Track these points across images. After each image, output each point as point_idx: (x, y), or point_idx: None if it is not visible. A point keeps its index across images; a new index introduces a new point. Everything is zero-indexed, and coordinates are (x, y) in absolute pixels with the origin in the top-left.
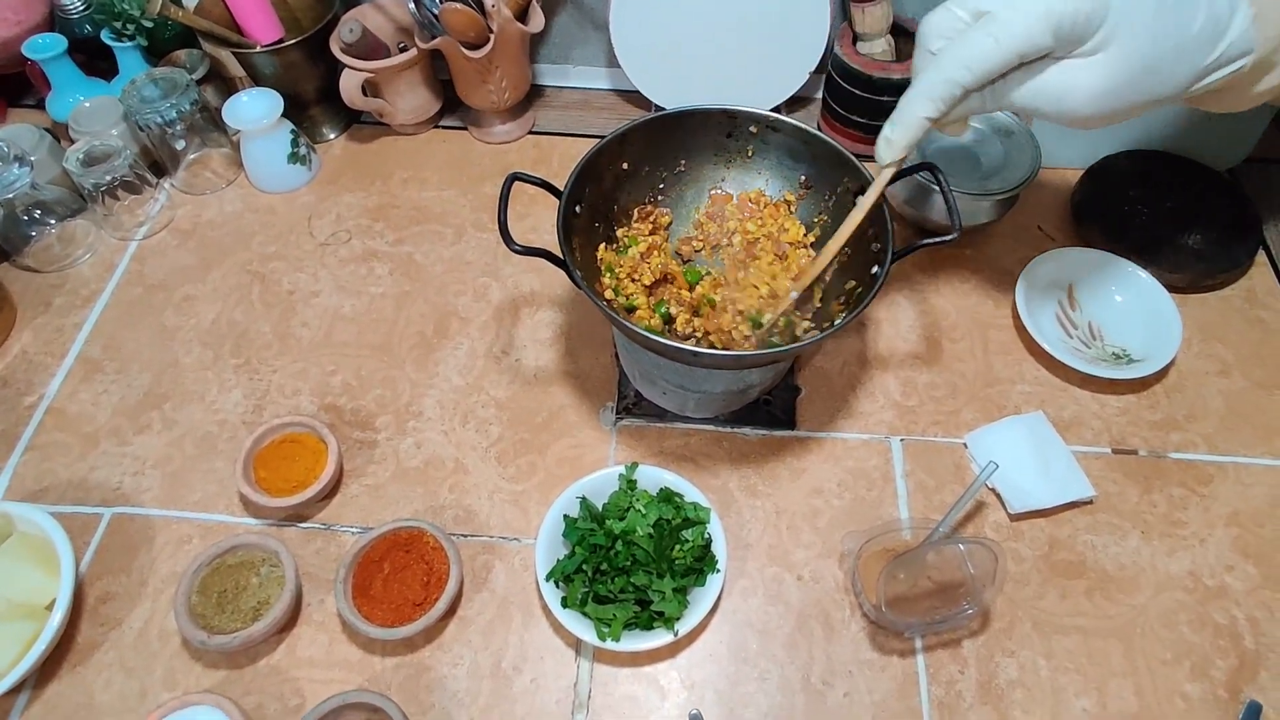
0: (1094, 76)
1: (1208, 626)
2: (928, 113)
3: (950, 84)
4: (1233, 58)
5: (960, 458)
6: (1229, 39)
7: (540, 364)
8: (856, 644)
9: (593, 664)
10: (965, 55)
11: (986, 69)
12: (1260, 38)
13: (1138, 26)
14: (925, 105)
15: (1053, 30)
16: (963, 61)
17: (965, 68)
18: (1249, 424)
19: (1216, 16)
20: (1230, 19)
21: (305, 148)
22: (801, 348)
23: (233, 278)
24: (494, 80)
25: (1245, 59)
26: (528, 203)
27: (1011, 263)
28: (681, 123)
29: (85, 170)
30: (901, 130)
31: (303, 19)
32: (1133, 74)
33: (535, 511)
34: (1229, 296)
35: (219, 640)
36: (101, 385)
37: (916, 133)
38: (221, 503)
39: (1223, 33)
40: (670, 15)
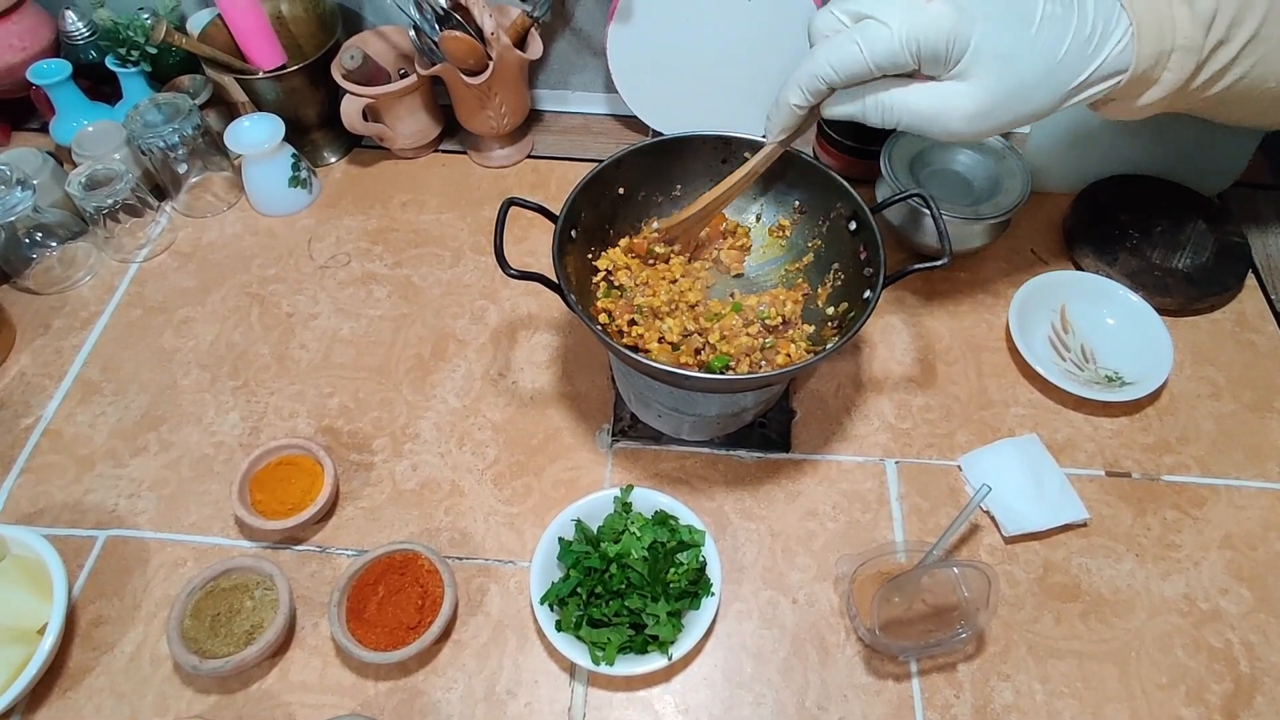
0: (964, 100)
1: (1203, 650)
2: (796, 100)
3: (815, 78)
4: (1106, 75)
5: (955, 480)
6: (1100, 58)
7: (537, 386)
8: (851, 668)
9: (587, 688)
10: (833, 56)
11: (850, 72)
12: (1137, 56)
13: (1002, 53)
14: (795, 93)
15: (913, 52)
16: (829, 61)
17: (830, 67)
18: (1241, 446)
19: (1087, 39)
20: (1104, 40)
21: (306, 171)
22: (795, 371)
23: (232, 300)
24: (493, 106)
25: (1120, 77)
26: (525, 226)
27: (1004, 286)
28: (677, 148)
29: (87, 193)
30: (777, 113)
31: (305, 45)
32: (1000, 98)
33: (530, 534)
34: (1219, 320)
35: (211, 665)
36: (99, 407)
37: (788, 117)
38: (217, 525)
39: (1094, 54)
40: (666, 42)
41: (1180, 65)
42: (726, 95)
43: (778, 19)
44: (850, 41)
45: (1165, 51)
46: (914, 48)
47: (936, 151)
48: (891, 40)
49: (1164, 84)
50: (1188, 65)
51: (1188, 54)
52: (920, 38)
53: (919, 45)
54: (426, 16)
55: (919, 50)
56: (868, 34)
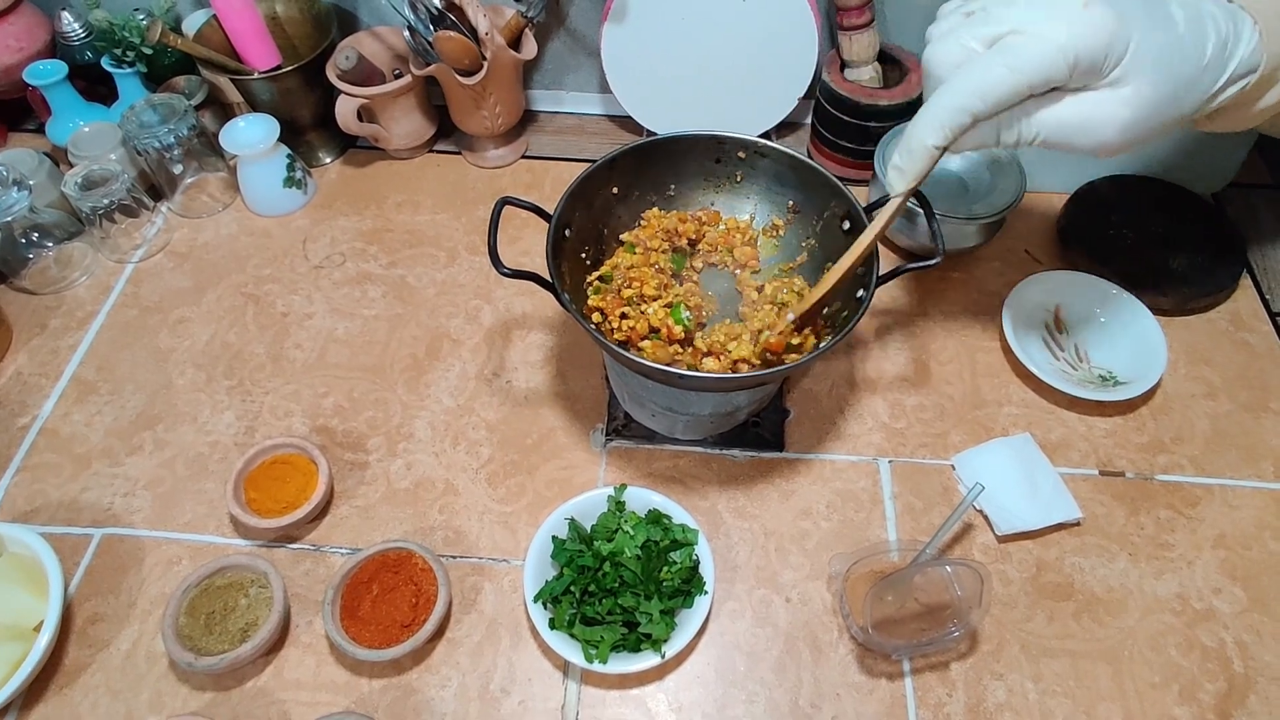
0: (1120, 108)
1: (1196, 649)
2: (936, 141)
3: (960, 111)
4: (1240, 75)
5: (948, 479)
6: (1238, 58)
7: (531, 386)
8: (844, 666)
9: (580, 686)
10: (978, 83)
11: (999, 97)
12: (1267, 53)
13: (1158, 59)
14: (934, 134)
15: (1070, 64)
16: (974, 89)
17: (978, 96)
18: (1235, 446)
19: (1225, 39)
20: (1238, 39)
21: (301, 172)
22: (789, 370)
23: (227, 300)
24: (488, 106)
25: (1252, 76)
26: (519, 226)
27: (998, 286)
28: (671, 148)
29: (83, 194)
30: (910, 159)
31: (300, 46)
32: (1156, 105)
33: (524, 533)
34: (1214, 319)
35: (206, 662)
36: (95, 406)
37: (926, 162)
38: (212, 524)
39: (1232, 54)
40: (661, 42)
41: None
42: (720, 95)
43: (772, 19)
44: (997, 65)
45: None
46: (1072, 59)
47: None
48: (1046, 53)
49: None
50: None
51: None
52: (1080, 47)
53: (1078, 55)
54: (421, 17)
55: (1077, 61)
56: (1015, 53)
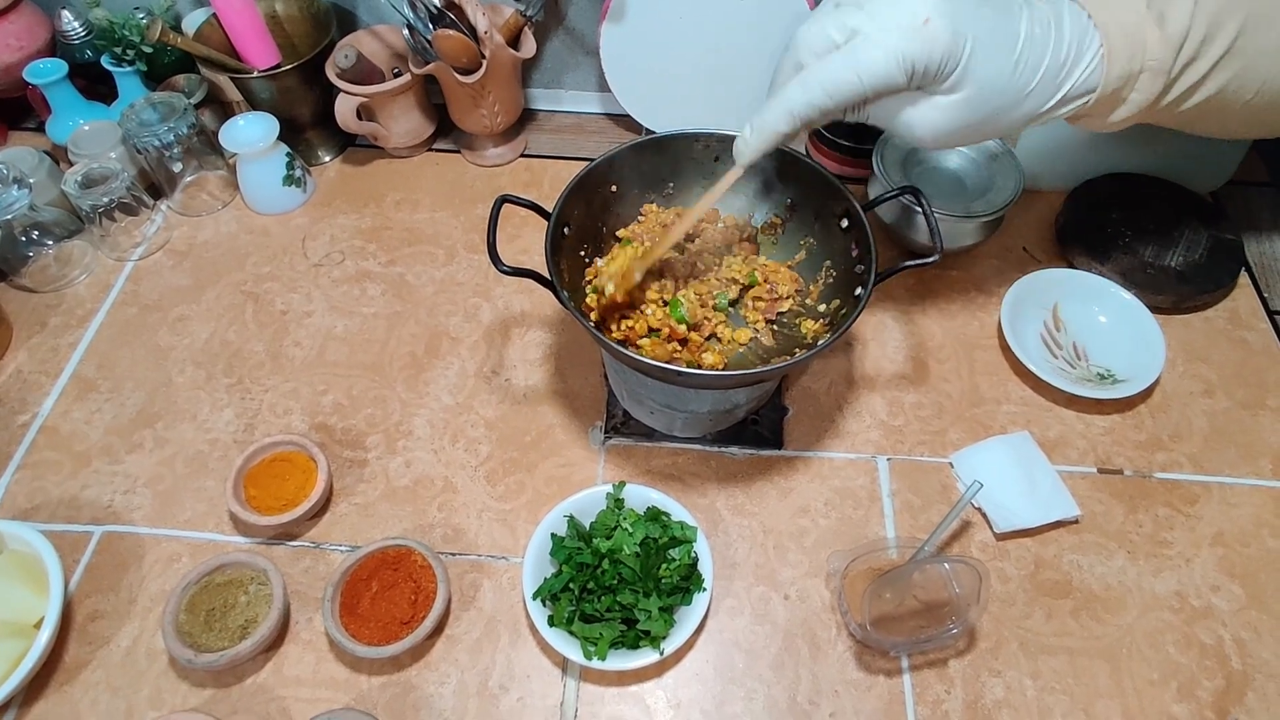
0: (940, 116)
1: (1194, 647)
2: (785, 128)
3: (810, 106)
4: (1076, 95)
5: (946, 477)
6: (1071, 81)
7: (530, 384)
8: (843, 664)
9: (579, 683)
10: (828, 83)
11: (845, 97)
12: (1105, 78)
13: (986, 78)
14: (784, 120)
15: (907, 73)
16: (825, 88)
17: (827, 94)
18: (1233, 444)
19: (1061, 63)
20: (1075, 63)
21: (300, 170)
22: (787, 367)
23: (227, 298)
24: (487, 105)
25: (1089, 96)
26: (519, 224)
27: (997, 284)
28: (669, 146)
29: (83, 192)
30: (759, 138)
31: (299, 45)
32: (977, 117)
33: (523, 530)
34: (1212, 317)
35: (206, 659)
36: (95, 404)
37: (772, 143)
38: (211, 521)
39: (1065, 78)
40: (659, 41)
41: (1148, 86)
42: (719, 93)
43: (770, 17)
44: (846, 68)
45: (1134, 73)
46: (909, 68)
47: (928, 151)
48: (888, 63)
49: (1131, 104)
50: (1155, 86)
51: (1155, 75)
52: (916, 58)
53: (914, 66)
54: (420, 15)
55: (914, 71)
56: (862, 58)
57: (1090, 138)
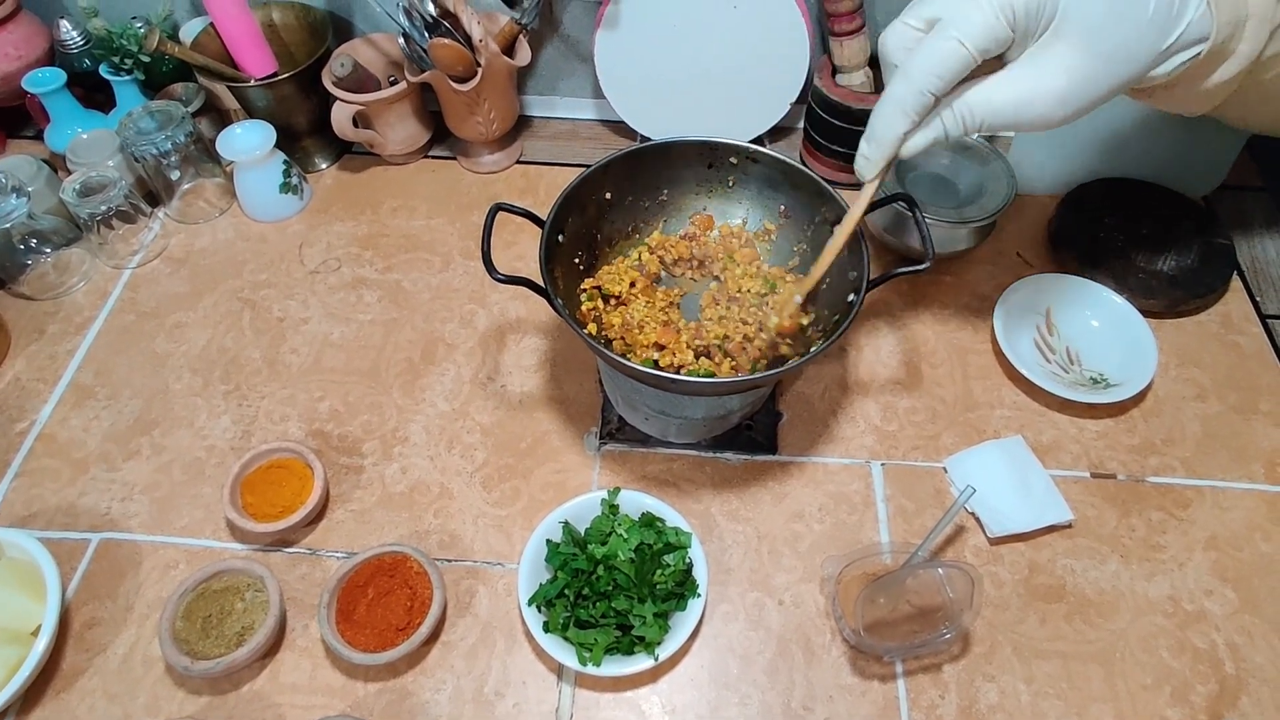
0: (1055, 79)
1: (1187, 651)
2: (902, 126)
3: (921, 94)
4: (1190, 42)
5: (940, 482)
6: (1185, 21)
7: (525, 390)
8: (837, 669)
9: (574, 689)
10: (931, 61)
11: (954, 72)
12: (1216, 23)
13: (1091, 11)
14: (899, 120)
15: (1010, 20)
16: (929, 68)
17: (934, 75)
18: (1226, 448)
19: (1169, 2)
20: (1184, 4)
21: (297, 178)
22: (781, 373)
23: (224, 305)
24: (482, 112)
25: (1202, 45)
26: (514, 231)
27: (990, 289)
28: (664, 153)
29: (81, 200)
30: (877, 146)
31: (296, 53)
32: (1091, 70)
33: (519, 536)
34: (1205, 321)
35: (202, 666)
36: (92, 411)
37: (892, 147)
38: (208, 528)
39: (1178, 17)
40: (653, 48)
41: (1255, 34)
42: (713, 101)
43: (763, 25)
44: (945, 40)
45: (1240, 19)
46: (1009, 14)
47: (921, 155)
48: (985, 16)
49: (1239, 56)
50: (1262, 33)
51: (1261, 22)
52: (1014, 3)
53: (1014, 11)
54: (416, 24)
55: (1015, 17)
56: (958, 25)
57: (1083, 140)
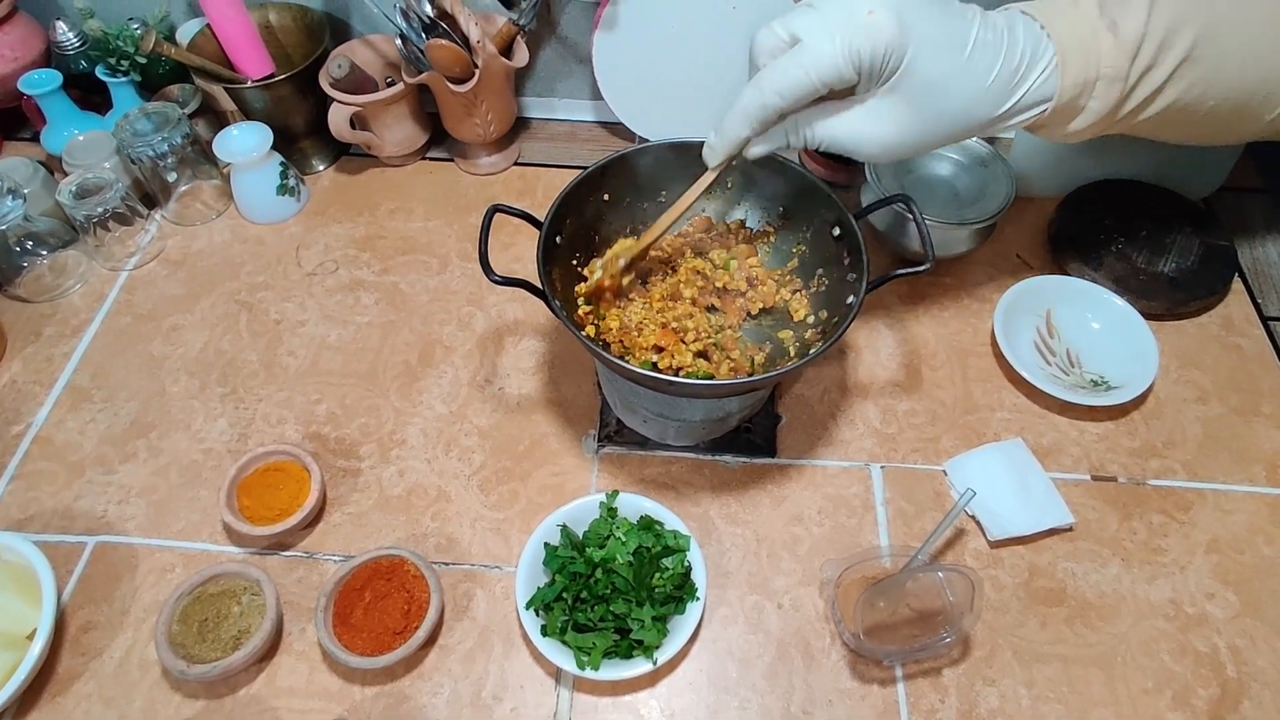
0: (885, 126)
1: (1189, 655)
2: (744, 131)
3: (764, 108)
4: (1031, 105)
5: (940, 485)
6: (1025, 89)
7: (523, 392)
8: (837, 673)
9: (573, 693)
10: (779, 82)
11: (797, 95)
12: (1061, 86)
13: (932, 78)
14: (743, 125)
15: (854, 64)
16: (776, 87)
17: (778, 93)
18: (1227, 450)
19: (1014, 69)
20: (1029, 71)
21: (294, 179)
22: (779, 375)
23: (221, 307)
24: (480, 113)
25: (1044, 105)
26: (512, 233)
27: (990, 291)
28: (662, 155)
29: (78, 202)
30: (721, 141)
31: (293, 55)
32: (923, 124)
33: (517, 539)
34: (1205, 324)
35: (199, 670)
36: (89, 414)
37: (734, 146)
38: (205, 531)
39: (1018, 85)
40: (652, 49)
41: (1105, 94)
42: (711, 102)
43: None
44: (795, 66)
45: (1090, 80)
46: (855, 59)
47: (922, 158)
48: (834, 56)
49: (1090, 112)
50: (1113, 93)
51: (1112, 83)
52: (861, 48)
53: (859, 55)
54: (413, 25)
55: (860, 61)
56: (809, 55)
57: (1082, 142)
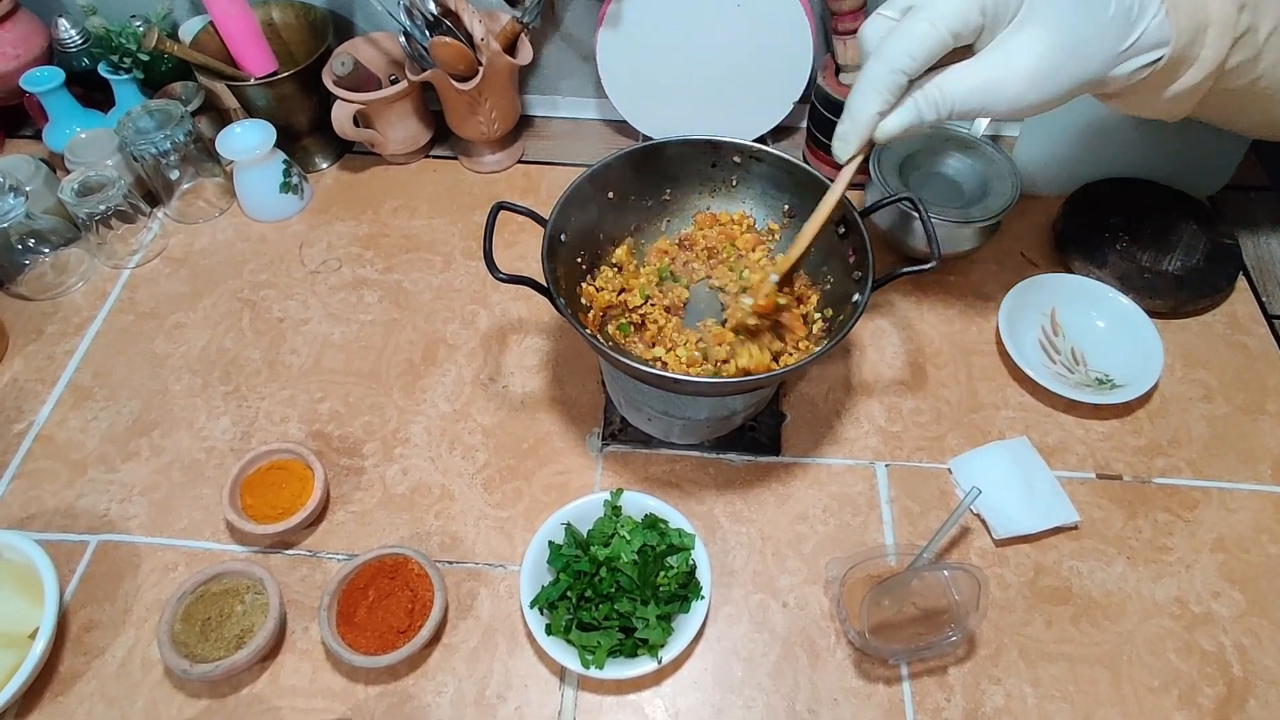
0: (1021, 60)
1: (1195, 654)
2: (876, 106)
3: (894, 73)
4: (1149, 45)
5: (945, 483)
6: (1143, 26)
7: (527, 391)
8: (842, 671)
9: (577, 692)
10: (904, 43)
11: (926, 52)
12: (1176, 29)
13: (1056, 4)
14: (873, 99)
15: (979, 6)
16: (903, 49)
17: (907, 55)
18: (1233, 449)
19: (1128, 4)
20: (1143, 9)
21: (297, 177)
22: (784, 373)
23: (223, 305)
24: (483, 111)
25: (1162, 50)
26: (515, 231)
27: (995, 289)
28: (666, 152)
29: (80, 200)
30: (853, 125)
31: (296, 52)
32: (1060, 51)
33: (520, 538)
34: (1210, 322)
35: (202, 669)
36: (91, 412)
37: (867, 127)
38: (208, 530)
39: (1136, 21)
40: (656, 47)
41: (1217, 41)
42: (716, 100)
43: (766, 23)
44: (919, 23)
45: (1201, 26)
46: (980, 1)
47: (926, 155)
48: (960, 2)
49: (1202, 63)
50: (1224, 42)
51: (1223, 30)
52: None
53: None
54: (417, 23)
55: (984, 3)
56: (931, 9)
57: (1087, 140)
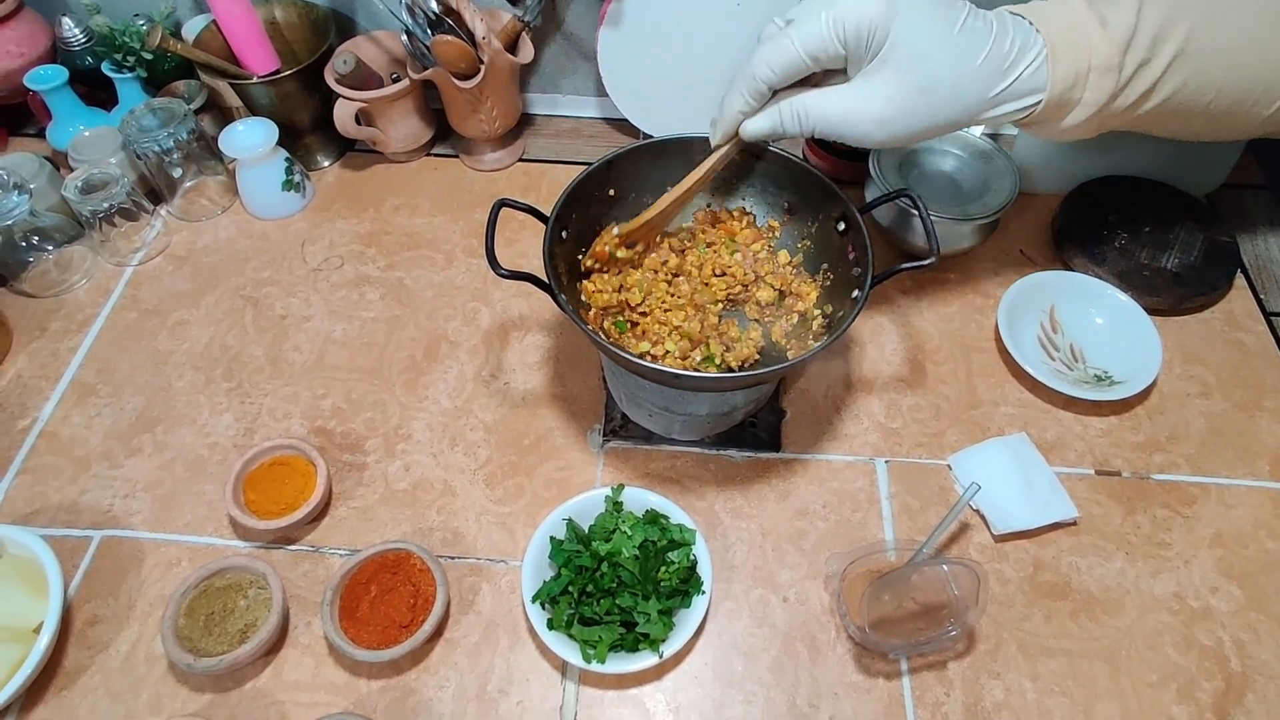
0: (875, 102)
1: (1193, 648)
2: (739, 106)
3: (755, 80)
4: (1023, 92)
5: (944, 479)
6: (1015, 74)
7: (528, 387)
8: (842, 666)
9: (579, 686)
10: (768, 54)
11: (784, 69)
12: (1053, 78)
13: (919, 51)
14: (736, 98)
15: (838, 35)
16: (764, 60)
17: (766, 65)
18: (1231, 445)
19: (1004, 54)
20: (1019, 58)
21: (300, 175)
22: (784, 369)
23: (226, 302)
24: (485, 110)
25: (1037, 96)
26: (516, 228)
27: (994, 286)
28: (667, 150)
29: (83, 198)
30: (722, 120)
31: (298, 51)
32: (911, 98)
33: (522, 533)
34: (1208, 319)
35: (205, 663)
36: (94, 409)
37: (732, 123)
38: (211, 525)
39: (1009, 70)
40: (657, 46)
41: (1098, 85)
42: (716, 98)
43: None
44: (784, 38)
45: (1082, 72)
46: (840, 30)
47: (925, 153)
48: (820, 27)
49: (1085, 105)
50: (1106, 85)
51: (1105, 74)
52: (846, 19)
53: (844, 26)
54: (418, 21)
55: (844, 34)
56: (797, 29)
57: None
